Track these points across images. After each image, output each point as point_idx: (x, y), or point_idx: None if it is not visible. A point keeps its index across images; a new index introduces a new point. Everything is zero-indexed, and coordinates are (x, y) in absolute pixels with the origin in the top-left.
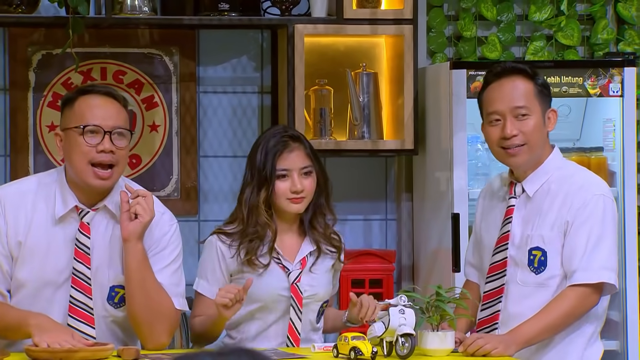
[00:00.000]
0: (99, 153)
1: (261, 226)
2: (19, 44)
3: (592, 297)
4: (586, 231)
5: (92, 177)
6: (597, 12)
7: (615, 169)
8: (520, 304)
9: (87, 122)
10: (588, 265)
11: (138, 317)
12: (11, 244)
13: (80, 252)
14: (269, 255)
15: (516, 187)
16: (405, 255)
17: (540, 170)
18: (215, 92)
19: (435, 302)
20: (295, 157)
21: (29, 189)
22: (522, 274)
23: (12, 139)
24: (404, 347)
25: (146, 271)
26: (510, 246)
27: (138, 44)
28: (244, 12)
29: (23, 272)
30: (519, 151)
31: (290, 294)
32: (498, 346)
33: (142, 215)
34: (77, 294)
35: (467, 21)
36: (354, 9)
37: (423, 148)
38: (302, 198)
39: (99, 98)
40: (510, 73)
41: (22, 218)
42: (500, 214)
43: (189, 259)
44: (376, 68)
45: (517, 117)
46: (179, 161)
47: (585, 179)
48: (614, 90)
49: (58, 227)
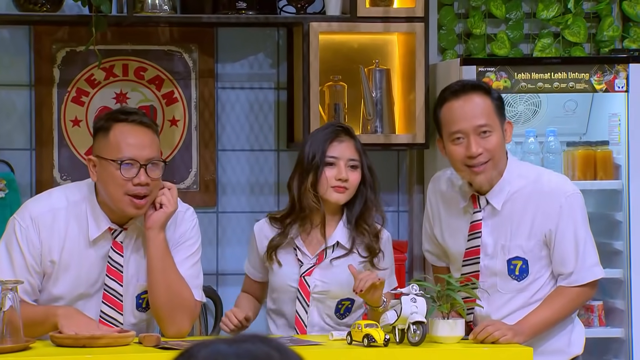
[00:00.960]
0: (135, 186)
1: (309, 209)
2: (43, 42)
3: (589, 292)
4: (571, 236)
5: (128, 206)
6: (603, 10)
7: (620, 162)
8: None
9: (123, 156)
10: (582, 267)
11: (159, 305)
12: (45, 262)
13: (112, 269)
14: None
15: (480, 200)
16: (417, 246)
17: (502, 182)
18: (233, 87)
19: (445, 291)
20: (345, 147)
21: (59, 206)
22: (503, 282)
23: (37, 133)
24: (416, 335)
25: (168, 260)
26: (483, 257)
27: (158, 42)
28: (260, 11)
29: (57, 288)
30: (485, 168)
31: (297, 287)
32: (507, 333)
33: (167, 205)
34: (107, 309)
35: (477, 19)
36: (367, 7)
37: (433, 142)
38: (346, 189)
39: (133, 127)
40: (468, 91)
41: (56, 238)
42: (465, 226)
43: (207, 250)
44: (389, 64)
45: (480, 134)
46: (198, 155)
47: (551, 181)
48: (619, 85)
49: (91, 247)
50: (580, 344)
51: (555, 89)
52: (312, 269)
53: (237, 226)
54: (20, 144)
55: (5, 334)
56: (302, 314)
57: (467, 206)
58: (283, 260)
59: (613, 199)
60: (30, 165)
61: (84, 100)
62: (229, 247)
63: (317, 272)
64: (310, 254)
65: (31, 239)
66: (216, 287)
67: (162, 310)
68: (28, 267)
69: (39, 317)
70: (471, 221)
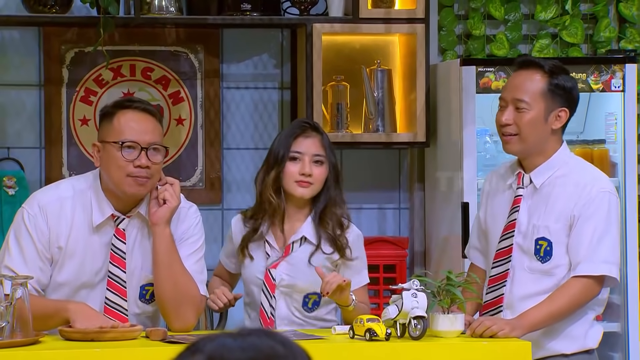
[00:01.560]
0: (136, 167)
1: (269, 204)
2: (53, 43)
3: (594, 288)
4: (591, 226)
5: (129, 186)
6: (600, 12)
7: (616, 160)
8: (526, 288)
9: (125, 138)
10: (592, 258)
11: (166, 300)
12: (53, 249)
13: (116, 256)
14: (262, 238)
15: (524, 178)
16: (418, 242)
17: (548, 164)
18: (237, 87)
19: (445, 286)
20: (310, 143)
21: (66, 195)
22: (530, 262)
23: (47, 132)
24: (416, 329)
25: (174, 255)
26: (517, 234)
27: (165, 42)
28: (265, 12)
29: (61, 275)
30: (511, 140)
31: (263, 279)
32: (505, 328)
33: (170, 200)
34: (112, 296)
35: (477, 20)
36: (369, 8)
37: (434, 141)
38: (310, 184)
39: (136, 114)
40: (527, 66)
41: (63, 225)
42: (507, 202)
43: (212, 246)
44: (390, 65)
45: (517, 108)
46: (204, 153)
47: (591, 175)
48: (615, 85)
49: (95, 233)
50: (596, 338)
51: None
52: (278, 262)
53: None
54: (30, 142)
55: (15, 328)
56: (267, 306)
57: (513, 182)
58: (254, 253)
59: None
60: (39, 163)
61: (92, 100)
62: None
63: (283, 265)
64: (278, 247)
65: (40, 226)
66: None
67: (168, 304)
68: (39, 253)
69: (49, 311)
70: (514, 196)
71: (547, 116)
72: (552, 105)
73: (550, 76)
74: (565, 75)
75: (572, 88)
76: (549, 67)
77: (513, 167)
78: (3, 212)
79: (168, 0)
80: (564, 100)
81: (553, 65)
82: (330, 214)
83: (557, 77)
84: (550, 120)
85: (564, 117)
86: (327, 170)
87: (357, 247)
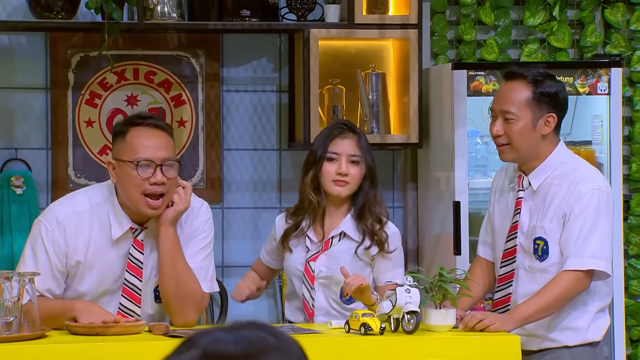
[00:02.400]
0: (152, 185)
1: (309, 202)
2: (59, 47)
3: (582, 282)
4: (580, 222)
5: (144, 207)
6: (586, 18)
7: (602, 160)
8: (528, 287)
9: (140, 157)
10: (580, 253)
11: (169, 296)
12: (70, 263)
13: (133, 266)
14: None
15: (523, 181)
16: (411, 240)
17: (544, 166)
18: (237, 90)
19: (438, 282)
20: (347, 144)
21: (82, 209)
22: (529, 261)
23: (53, 134)
24: (410, 323)
25: (177, 255)
26: (520, 235)
27: (167, 47)
28: (263, 18)
29: (83, 285)
30: (504, 149)
31: (303, 271)
32: (496, 322)
33: (178, 204)
34: (126, 302)
35: (468, 26)
36: (364, 14)
37: (427, 142)
38: (346, 183)
39: (149, 130)
40: (512, 77)
41: (81, 239)
42: (511, 204)
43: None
44: (384, 69)
45: (505, 119)
46: (205, 154)
47: (585, 173)
48: (601, 89)
49: (114, 246)
50: (600, 332)
51: None
52: (317, 255)
53: (241, 221)
54: (37, 143)
55: (23, 322)
56: (307, 297)
57: (515, 184)
58: (294, 247)
59: None
60: (46, 164)
61: (97, 103)
62: (233, 241)
63: (322, 258)
64: (317, 241)
65: (57, 241)
66: (222, 278)
67: (171, 302)
68: (52, 267)
69: (57, 311)
70: (515, 198)
71: (536, 123)
72: (539, 112)
73: (534, 85)
74: (550, 81)
75: (557, 92)
76: (533, 76)
77: (515, 170)
78: (11, 210)
79: (170, 7)
80: (550, 105)
81: (537, 73)
82: (368, 211)
83: (541, 84)
84: (539, 126)
85: (552, 122)
86: (363, 169)
87: (394, 242)
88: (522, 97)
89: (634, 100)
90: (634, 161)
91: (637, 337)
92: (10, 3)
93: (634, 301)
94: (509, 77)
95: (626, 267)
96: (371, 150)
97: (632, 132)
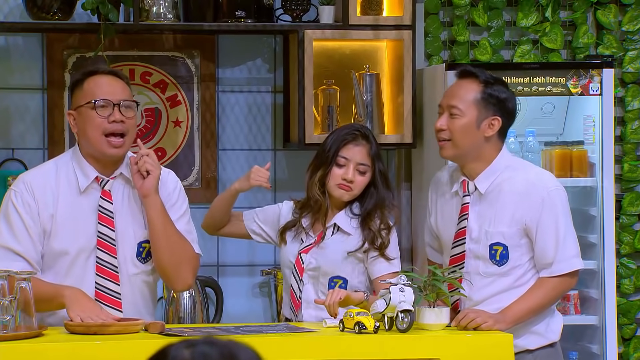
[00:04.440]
0: (111, 123)
1: (314, 200)
2: (55, 48)
3: (570, 282)
4: (553, 227)
5: (107, 147)
6: (579, 19)
7: (595, 160)
8: (484, 292)
9: (97, 97)
10: (562, 257)
11: (165, 263)
12: (43, 219)
13: (104, 216)
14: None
15: (469, 185)
16: (405, 239)
17: (489, 169)
18: (232, 91)
19: (431, 281)
20: (358, 151)
21: (49, 168)
22: (485, 266)
23: (49, 134)
24: (404, 322)
25: (167, 220)
26: (468, 240)
27: (163, 48)
28: (258, 19)
29: (57, 242)
30: (445, 145)
31: (294, 263)
32: (488, 320)
33: (153, 170)
34: (103, 255)
35: (461, 27)
36: (358, 15)
37: (421, 142)
38: (350, 189)
39: (105, 77)
40: (465, 76)
41: (50, 194)
42: (455, 209)
43: (208, 243)
44: (378, 69)
45: (451, 114)
46: (200, 154)
47: (536, 175)
48: (593, 89)
49: (82, 197)
50: (557, 331)
51: (534, 93)
52: (310, 248)
53: None
54: (34, 143)
55: (20, 321)
56: (296, 289)
57: (459, 190)
58: (289, 239)
59: (588, 195)
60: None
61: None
62: (228, 240)
63: (314, 250)
64: (312, 235)
65: (27, 200)
66: (217, 277)
67: (167, 268)
68: (27, 228)
69: (47, 295)
70: (461, 204)
71: (480, 123)
72: (485, 113)
73: (485, 85)
74: (501, 87)
75: (506, 99)
76: (484, 78)
77: (456, 174)
78: None
79: (166, 8)
80: (497, 109)
81: (490, 77)
82: (377, 212)
83: (491, 87)
84: (483, 127)
85: (496, 125)
86: (369, 178)
87: (394, 251)
88: (470, 95)
89: (626, 100)
90: (626, 161)
91: (629, 335)
92: (6, 4)
93: (625, 300)
94: (462, 76)
95: (618, 266)
96: (381, 156)
97: (624, 132)
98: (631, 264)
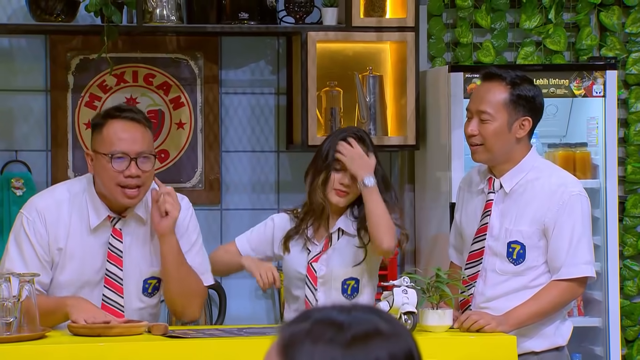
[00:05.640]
0: (126, 178)
1: (317, 205)
2: (59, 50)
3: (578, 289)
4: (569, 230)
5: (121, 196)
6: (582, 21)
7: (598, 162)
8: (496, 289)
9: (115, 150)
10: (572, 261)
11: (175, 299)
12: (53, 250)
13: (113, 255)
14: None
15: (494, 183)
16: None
17: (516, 169)
18: (235, 93)
19: (435, 283)
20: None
21: (62, 199)
22: (501, 264)
23: (53, 136)
24: (407, 324)
25: (181, 259)
26: (489, 237)
27: (166, 50)
28: (262, 21)
29: (63, 275)
30: (477, 149)
31: (306, 273)
32: (491, 322)
33: (172, 211)
34: (109, 293)
35: (464, 29)
36: (361, 17)
37: (424, 144)
38: (347, 194)
39: (125, 123)
40: (490, 78)
41: (61, 227)
42: (479, 206)
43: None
44: (381, 71)
45: (481, 119)
46: (203, 156)
47: (561, 178)
48: (597, 91)
49: (93, 234)
50: (566, 335)
51: None
52: (319, 256)
53: (239, 223)
54: (37, 145)
55: (23, 323)
56: (311, 298)
57: (484, 187)
58: (293, 248)
59: (591, 197)
60: (46, 166)
61: (96, 105)
62: None
63: (323, 258)
64: (317, 242)
65: (38, 230)
66: (220, 279)
67: (177, 302)
68: (38, 256)
69: (51, 308)
70: (485, 200)
71: (511, 126)
72: (515, 114)
73: (512, 87)
74: (528, 85)
75: (534, 97)
76: (511, 79)
77: (484, 173)
78: (11, 212)
79: (169, 10)
80: (526, 109)
81: (515, 76)
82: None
83: (519, 87)
84: (514, 129)
85: (527, 126)
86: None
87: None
88: (499, 98)
89: (629, 102)
90: (629, 163)
91: (633, 337)
92: (10, 6)
93: (629, 302)
94: (487, 78)
95: (621, 268)
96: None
97: (628, 134)
98: (634, 266)
